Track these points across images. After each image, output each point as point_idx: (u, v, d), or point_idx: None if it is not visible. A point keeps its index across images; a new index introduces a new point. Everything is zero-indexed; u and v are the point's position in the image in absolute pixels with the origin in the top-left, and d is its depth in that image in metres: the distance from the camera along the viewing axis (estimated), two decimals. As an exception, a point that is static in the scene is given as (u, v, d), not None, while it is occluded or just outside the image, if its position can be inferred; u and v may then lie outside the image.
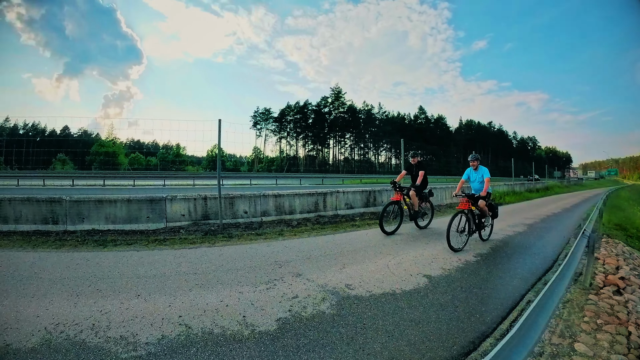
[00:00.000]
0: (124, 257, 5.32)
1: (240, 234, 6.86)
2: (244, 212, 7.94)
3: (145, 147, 70.32)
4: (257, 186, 23.19)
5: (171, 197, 7.59)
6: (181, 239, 6.48)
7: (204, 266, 4.81)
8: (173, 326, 3.10)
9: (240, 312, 3.37)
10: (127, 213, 7.34)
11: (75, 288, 4.08)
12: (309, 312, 3.40)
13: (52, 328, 3.13)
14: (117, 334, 3.00)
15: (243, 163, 68.10)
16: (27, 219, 7.37)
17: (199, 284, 4.15)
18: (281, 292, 3.89)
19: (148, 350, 2.72)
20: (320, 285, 4.13)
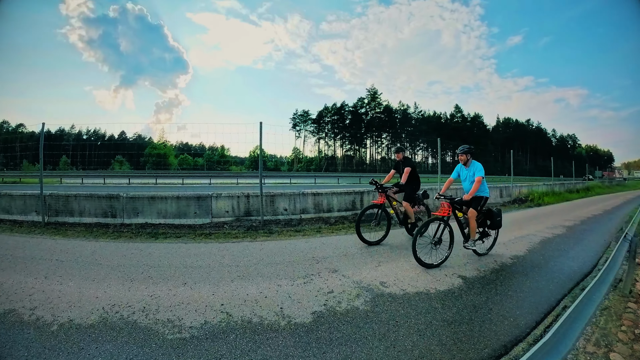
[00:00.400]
0: (173, 249, 5.72)
1: (280, 230, 7.08)
2: (284, 210, 8.19)
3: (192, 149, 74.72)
4: (296, 185, 23.63)
5: (216, 194, 8.02)
6: (225, 234, 6.82)
7: (246, 259, 5.03)
8: (215, 313, 3.31)
9: (278, 304, 3.50)
10: (176, 209, 7.85)
11: (129, 274, 4.50)
12: (343, 307, 3.45)
13: (109, 308, 3.49)
14: (164, 317, 3.27)
15: (283, 163, 69.86)
16: (89, 213, 8.22)
17: (240, 275, 4.35)
18: (317, 287, 3.97)
19: (192, 334, 2.93)
20: (355, 281, 4.16)
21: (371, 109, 77.41)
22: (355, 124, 75.96)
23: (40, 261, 5.17)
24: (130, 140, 71.70)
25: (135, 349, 2.73)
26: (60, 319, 3.27)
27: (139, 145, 65.21)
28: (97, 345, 2.80)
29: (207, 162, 56.93)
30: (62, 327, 3.11)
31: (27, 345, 2.85)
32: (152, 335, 2.93)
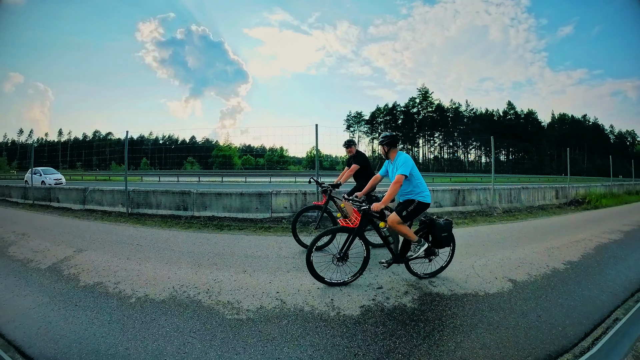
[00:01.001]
0: (236, 240, 6.19)
1: None
2: None
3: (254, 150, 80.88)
4: (351, 184, 23.78)
5: (276, 191, 8.47)
6: (283, 228, 7.16)
7: (301, 252, 5.24)
8: (270, 299, 3.56)
9: (329, 295, 3.63)
10: (240, 204, 8.43)
11: (197, 260, 5.01)
12: (391, 303, 3.47)
13: (178, 288, 3.95)
14: (225, 299, 3.61)
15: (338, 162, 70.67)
16: (165, 206, 9.29)
17: (296, 267, 4.57)
18: (367, 282, 4.03)
19: (248, 316, 3.21)
20: (405, 279, 4.14)
21: (423, 108, 75.61)
22: (408, 123, 74.76)
23: (124, 245, 6.02)
24: (199, 144, 79.96)
25: (198, 324, 3.08)
26: (138, 294, 3.83)
27: (207, 147, 73.12)
28: (166, 318, 3.22)
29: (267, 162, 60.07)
30: (139, 300, 3.64)
31: (110, 312, 3.41)
32: (213, 314, 3.27)
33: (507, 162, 70.47)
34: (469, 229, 7.34)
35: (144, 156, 68.00)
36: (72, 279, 4.40)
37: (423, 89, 76.57)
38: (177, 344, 2.75)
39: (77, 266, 4.87)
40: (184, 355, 2.59)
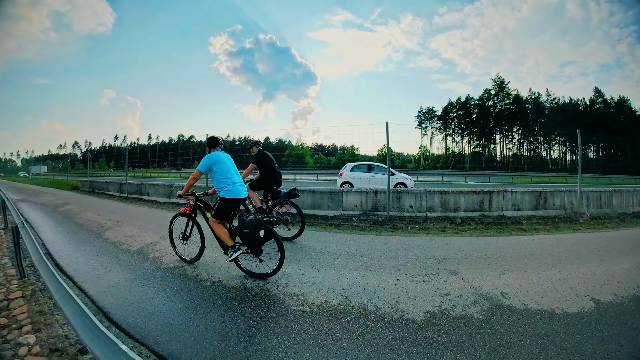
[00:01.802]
0: (306, 235, 6.44)
1: (405, 227, 7.08)
2: (409, 207, 8.15)
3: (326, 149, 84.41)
4: (423, 183, 22.74)
5: (347, 190, 8.59)
6: (353, 226, 7.25)
7: (370, 251, 5.27)
8: (335, 295, 3.67)
9: (394, 297, 3.60)
10: (311, 201, 8.74)
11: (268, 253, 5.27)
12: (457, 311, 3.29)
13: (249, 277, 4.27)
14: (292, 291, 3.81)
15: (410, 161, 67.90)
16: None
17: (363, 265, 4.62)
18: (435, 287, 3.88)
19: (312, 309, 3.35)
20: (475, 287, 3.88)
21: (499, 101, 68.26)
22: (483, 118, 68.12)
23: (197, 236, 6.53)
24: (273, 144, 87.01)
25: (265, 311, 3.33)
26: (212, 278, 4.28)
27: (281, 147, 78.98)
28: (235, 303, 3.54)
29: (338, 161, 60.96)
30: (213, 284, 4.08)
31: (186, 292, 3.91)
32: (279, 303, 3.49)
33: (596, 159, 60.25)
34: (549, 236, 6.53)
35: None
36: (156, 261, 5.12)
37: (498, 79, 69.58)
38: (242, 328, 3.01)
39: (161, 250, 5.64)
40: (247, 339, 2.83)
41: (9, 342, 3.03)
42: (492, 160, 66.80)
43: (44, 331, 3.21)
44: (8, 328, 3.30)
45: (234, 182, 4.31)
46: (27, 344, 2.98)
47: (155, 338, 2.92)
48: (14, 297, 4.08)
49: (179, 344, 2.80)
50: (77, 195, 17.09)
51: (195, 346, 2.76)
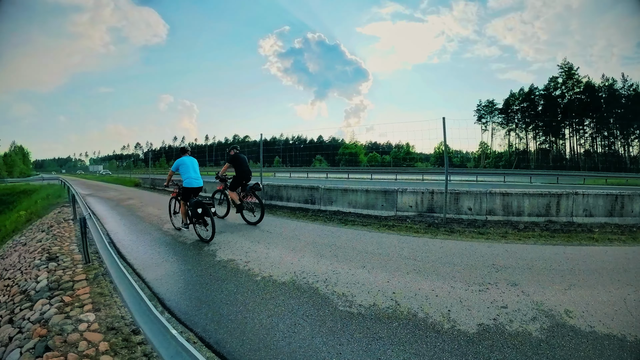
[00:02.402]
0: (359, 235, 6.37)
1: (462, 230, 6.68)
2: (468, 209, 7.65)
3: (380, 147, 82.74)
4: (483, 183, 21.40)
5: (402, 189, 8.35)
6: (407, 227, 7.00)
7: (424, 255, 5.04)
8: (385, 299, 3.53)
9: (446, 306, 3.37)
10: (365, 200, 8.63)
11: (319, 250, 5.36)
12: (514, 327, 2.98)
13: (299, 273, 4.32)
14: (340, 290, 3.75)
15: (469, 159, 63.68)
16: (294, 199, 10.31)
17: (416, 269, 4.41)
18: (491, 298, 3.56)
19: (359, 311, 3.26)
20: (535, 302, 3.47)
21: (567, 90, 58.54)
22: (549, 110, 58.64)
23: (255, 230, 6.93)
24: (326, 143, 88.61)
25: (312, 309, 3.31)
26: (263, 273, 4.37)
27: (334, 146, 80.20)
28: (284, 298, 3.57)
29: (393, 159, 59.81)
30: (263, 279, 4.16)
31: (237, 284, 4.05)
32: (327, 302, 3.45)
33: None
34: (625, 248, 5.60)
35: (276, 155, 79.01)
36: (210, 254, 5.37)
37: (565, 64, 59.64)
38: (289, 323, 3.02)
39: (215, 244, 5.90)
40: (292, 334, 2.84)
41: (71, 318, 3.37)
42: (560, 158, 59.60)
43: (102, 311, 3.53)
44: (71, 306, 3.69)
45: (190, 176, 6.45)
46: (86, 320, 3.29)
47: (203, 326, 3.05)
48: (79, 279, 4.56)
49: (225, 333, 2.89)
50: (139, 191, 18.70)
51: (241, 337, 2.82)
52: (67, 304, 3.74)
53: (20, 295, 4.41)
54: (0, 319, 3.90)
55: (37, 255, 6.19)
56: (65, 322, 3.27)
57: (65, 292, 4.12)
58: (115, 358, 2.71)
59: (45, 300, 3.92)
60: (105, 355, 2.74)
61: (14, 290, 4.84)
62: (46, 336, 3.05)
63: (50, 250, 6.22)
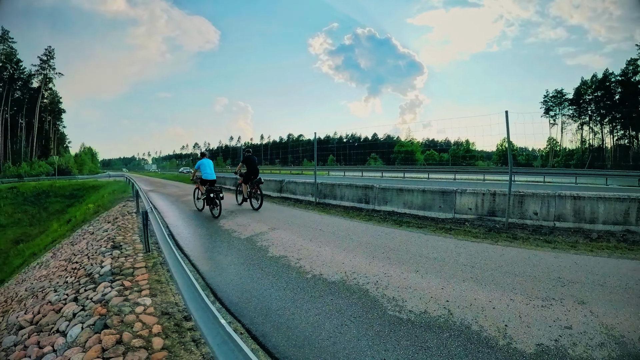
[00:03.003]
0: (413, 237, 6.21)
1: (526, 237, 6.17)
2: (533, 213, 6.99)
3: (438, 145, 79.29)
4: (551, 184, 19.68)
5: (460, 190, 7.93)
6: (465, 231, 6.68)
7: (482, 262, 4.75)
8: (437, 307, 3.39)
9: (503, 320, 3.13)
10: (421, 201, 8.37)
11: (372, 251, 5.31)
12: (577, 352, 2.66)
13: (350, 274, 4.32)
14: (391, 294, 3.69)
15: (536, 157, 57.86)
16: (348, 198, 10.32)
17: (473, 277, 4.17)
18: (555, 316, 3.23)
19: (409, 317, 3.17)
20: (605, 325, 3.06)
21: None
22: (629, 99, 48.45)
23: (309, 229, 7.05)
24: (381, 140, 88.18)
25: (360, 311, 3.29)
26: (314, 271, 4.44)
27: (389, 144, 78.77)
28: (332, 298, 3.59)
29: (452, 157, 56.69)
30: (314, 277, 4.24)
31: (287, 281, 4.15)
32: (376, 305, 3.41)
33: None
34: None
35: (330, 153, 79.52)
36: (263, 249, 5.59)
37: None
38: (335, 324, 3.04)
39: (268, 240, 6.13)
40: (338, 335, 2.84)
41: (129, 301, 3.75)
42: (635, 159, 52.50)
43: (158, 297, 3.87)
44: (130, 290, 4.09)
45: (206, 172, 9.50)
46: (143, 304, 3.65)
47: (252, 318, 3.18)
48: (139, 266, 5.05)
49: (272, 327, 2.99)
50: None
51: (287, 332, 2.90)
52: (126, 288, 4.15)
53: (86, 278, 4.95)
54: (67, 297, 4.42)
55: (103, 243, 6.92)
56: (123, 304, 3.63)
57: (125, 277, 4.56)
58: (166, 341, 2.94)
59: (107, 283, 4.36)
60: (157, 337, 2.99)
61: (80, 272, 5.44)
62: (105, 315, 3.42)
63: (115, 239, 6.93)
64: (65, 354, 2.99)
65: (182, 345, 2.89)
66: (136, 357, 2.71)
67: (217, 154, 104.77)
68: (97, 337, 3.06)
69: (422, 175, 28.82)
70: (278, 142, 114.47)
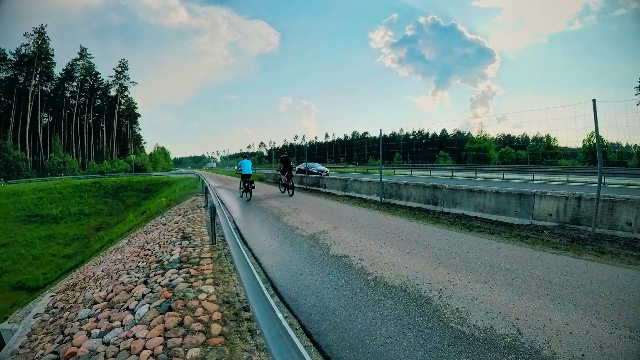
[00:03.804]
0: (484, 244, 5.91)
1: (616, 252, 5.40)
2: (626, 223, 6.03)
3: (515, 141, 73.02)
4: None
5: (540, 193, 7.23)
6: (543, 240, 6.13)
7: (562, 278, 4.33)
8: (505, 324, 3.17)
9: (581, 348, 2.81)
10: (495, 204, 7.88)
11: (438, 257, 5.18)
12: None
13: (412, 279, 4.27)
14: (455, 304, 3.56)
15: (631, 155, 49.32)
16: (414, 199, 10.09)
17: (549, 294, 3.82)
18: None
19: (472, 332, 3.02)
20: None
21: None
22: None
23: (373, 229, 7.08)
24: (450, 137, 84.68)
25: (420, 319, 3.24)
26: (375, 273, 4.49)
27: (459, 140, 74.94)
28: (392, 303, 3.59)
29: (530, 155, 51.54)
30: (375, 279, 4.28)
31: (347, 281, 4.25)
32: (438, 316, 3.32)
33: None
34: None
35: (396, 151, 77.88)
36: (324, 247, 5.78)
37: None
38: (392, 330, 3.04)
39: (331, 239, 6.30)
40: (394, 342, 2.84)
41: (193, 288, 4.19)
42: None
43: (221, 286, 4.26)
44: (195, 278, 4.56)
45: (244, 169, 13.35)
46: (206, 292, 4.07)
47: (308, 315, 3.32)
48: (205, 256, 5.56)
49: (327, 326, 3.09)
50: (262, 185, 20.91)
51: (342, 333, 2.97)
52: (192, 275, 4.63)
53: (156, 264, 5.59)
54: (138, 280, 5.05)
55: (173, 233, 7.69)
56: (188, 290, 4.07)
57: (192, 266, 5.06)
58: (223, 328, 3.23)
59: (175, 270, 4.91)
60: (215, 324, 3.30)
61: (151, 259, 6.11)
62: (170, 299, 3.87)
63: (185, 230, 7.67)
64: (132, 329, 3.43)
65: (239, 334, 3.14)
66: (194, 339, 3.02)
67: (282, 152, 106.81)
68: (161, 317, 3.47)
69: (495, 175, 26.89)
70: (343, 140, 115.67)
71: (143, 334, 3.25)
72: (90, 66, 71.72)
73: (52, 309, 6.45)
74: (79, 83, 69.56)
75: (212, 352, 2.87)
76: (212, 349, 2.92)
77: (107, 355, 3.13)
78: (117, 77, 76.23)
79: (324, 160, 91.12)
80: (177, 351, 2.89)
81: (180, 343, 3.00)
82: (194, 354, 2.83)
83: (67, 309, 5.75)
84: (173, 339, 3.06)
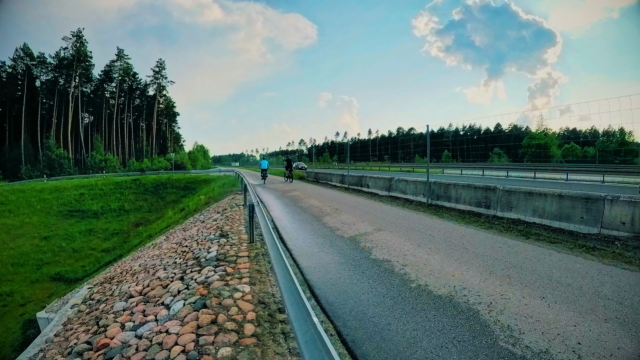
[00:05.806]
0: (542, 254, 5.59)
1: None
2: None
3: (581, 136, 67.38)
4: None
5: (612, 197, 6.64)
6: (614, 253, 5.65)
7: (636, 300, 3.89)
8: (564, 348, 2.95)
9: None
10: (557, 209, 7.42)
11: (489, 266, 4.99)
12: None
13: (459, 289, 4.15)
14: (506, 321, 3.39)
15: None
16: (464, 201, 9.78)
17: (619, 318, 3.48)
18: None
19: (524, 354, 2.84)
20: None
21: None
22: None
23: (418, 232, 6.99)
24: (506, 132, 79.85)
25: (466, 334, 3.14)
26: (419, 280, 4.42)
27: (516, 136, 70.04)
28: (435, 314, 3.51)
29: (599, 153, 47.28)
30: (418, 287, 4.21)
31: (389, 287, 4.23)
32: (486, 332, 3.19)
33: None
34: None
35: (445, 148, 75.21)
36: (366, 250, 5.80)
37: None
38: (434, 344, 2.97)
39: (372, 241, 6.30)
40: (435, 358, 2.78)
41: (229, 286, 4.38)
42: None
43: (257, 285, 4.42)
44: (231, 276, 4.75)
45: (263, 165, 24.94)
46: (242, 291, 4.23)
47: (345, 321, 3.34)
48: (242, 255, 5.77)
49: (365, 334, 3.09)
50: (302, 184, 21.73)
51: (380, 343, 2.96)
52: (228, 274, 4.83)
53: (193, 261, 5.86)
54: (174, 276, 5.32)
55: (211, 231, 8.04)
56: (223, 288, 4.27)
57: (229, 264, 5.26)
58: (257, 328, 3.33)
59: (211, 267, 5.14)
60: (249, 324, 3.42)
61: (188, 255, 6.42)
62: (206, 296, 4.07)
63: (223, 228, 7.99)
64: (165, 324, 3.65)
65: (272, 336, 3.23)
66: (226, 338, 3.15)
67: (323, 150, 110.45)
68: (195, 314, 3.66)
69: (558, 176, 25.24)
70: (387, 136, 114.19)
71: (176, 329, 3.45)
72: (128, 67, 76.78)
73: (89, 301, 6.92)
74: (117, 83, 74.68)
75: (243, 352, 2.98)
76: (243, 349, 3.03)
77: (138, 348, 3.35)
78: (155, 77, 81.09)
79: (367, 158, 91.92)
80: (208, 349, 3.03)
81: (212, 341, 3.14)
82: (225, 352, 2.95)
83: (103, 301, 6.18)
84: (205, 336, 3.22)
